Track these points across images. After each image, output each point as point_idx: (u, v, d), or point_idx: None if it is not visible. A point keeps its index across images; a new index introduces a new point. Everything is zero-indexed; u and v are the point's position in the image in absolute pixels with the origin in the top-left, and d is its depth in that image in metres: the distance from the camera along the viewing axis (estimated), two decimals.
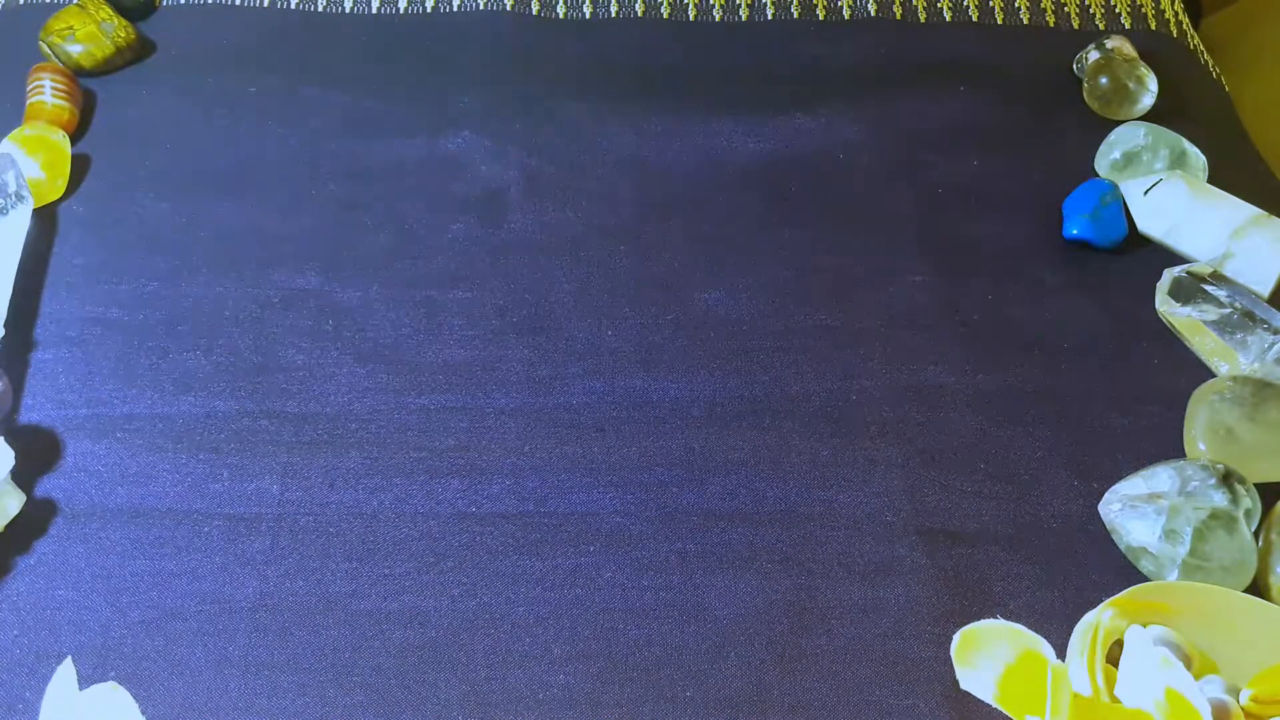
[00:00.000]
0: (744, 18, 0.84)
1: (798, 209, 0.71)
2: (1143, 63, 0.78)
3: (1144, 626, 0.47)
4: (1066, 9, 0.87)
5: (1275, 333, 0.60)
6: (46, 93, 0.71)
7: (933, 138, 0.76)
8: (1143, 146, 0.71)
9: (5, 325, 0.60)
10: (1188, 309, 0.63)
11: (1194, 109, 0.79)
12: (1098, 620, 0.48)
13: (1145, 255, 0.69)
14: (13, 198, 0.64)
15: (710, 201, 0.71)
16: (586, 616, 0.51)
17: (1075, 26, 0.86)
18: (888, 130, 0.76)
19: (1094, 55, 0.79)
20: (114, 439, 0.57)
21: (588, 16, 0.84)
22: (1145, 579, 0.53)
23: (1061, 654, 0.47)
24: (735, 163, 0.74)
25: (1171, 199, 0.69)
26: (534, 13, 0.84)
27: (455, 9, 0.84)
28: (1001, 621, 0.48)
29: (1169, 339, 0.64)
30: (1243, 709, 0.45)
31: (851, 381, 0.61)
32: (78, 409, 0.58)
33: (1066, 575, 0.53)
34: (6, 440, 0.53)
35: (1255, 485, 0.54)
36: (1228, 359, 0.62)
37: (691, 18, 0.84)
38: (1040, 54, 0.83)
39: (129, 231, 0.67)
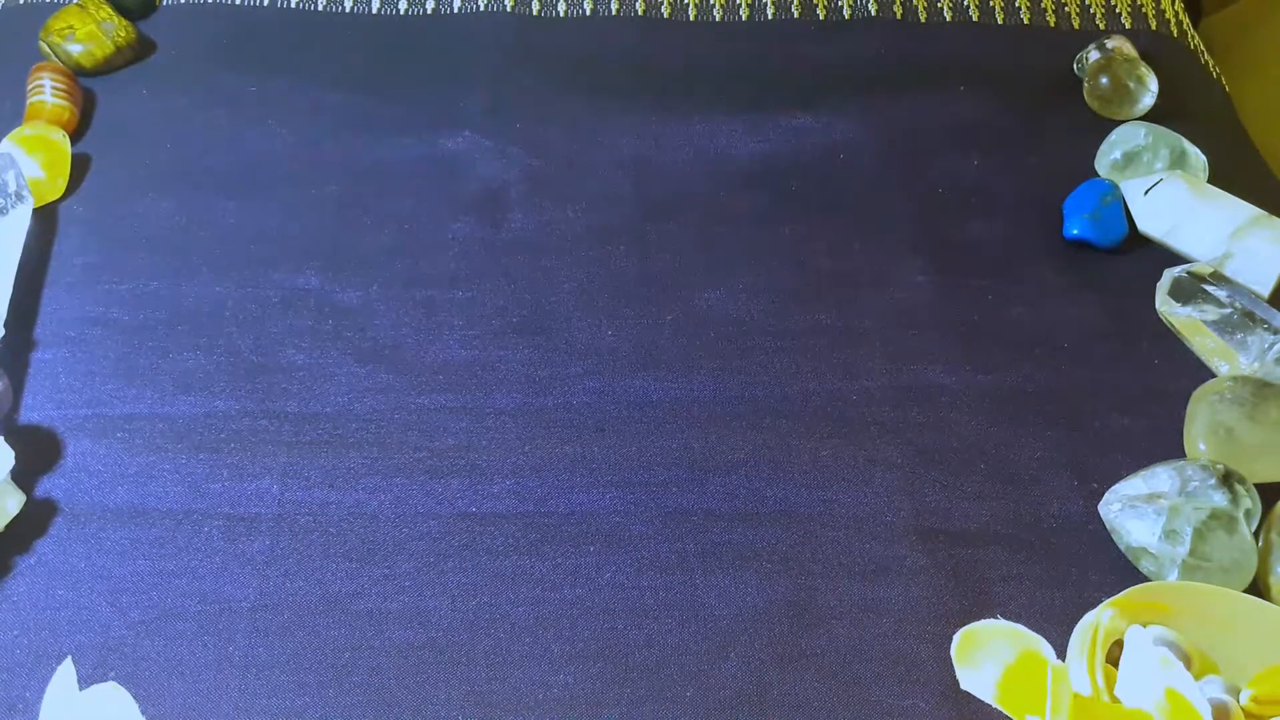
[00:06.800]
0: (744, 18, 0.84)
1: (798, 209, 0.71)
2: (1143, 63, 0.78)
3: (1144, 626, 0.47)
4: (1066, 9, 0.87)
5: (1275, 333, 0.60)
6: (46, 92, 0.71)
7: (933, 138, 0.76)
8: (1143, 146, 0.71)
9: (5, 325, 0.60)
10: (1188, 309, 0.63)
11: (1194, 109, 0.79)
12: (1098, 620, 0.48)
13: (1145, 255, 0.69)
14: (13, 198, 0.64)
15: (710, 201, 0.71)
16: (586, 616, 0.51)
17: (1075, 26, 0.86)
18: (888, 130, 0.76)
19: (1094, 55, 0.79)
20: (114, 439, 0.57)
21: (588, 15, 0.84)
22: (1145, 579, 0.53)
23: (1061, 654, 0.47)
24: (735, 163, 0.74)
25: (1171, 199, 0.69)
26: (534, 12, 0.84)
27: (456, 9, 0.84)
28: (1001, 621, 0.48)
29: (1169, 339, 0.64)
30: (1243, 709, 0.45)
31: (851, 381, 0.61)
32: (78, 409, 0.58)
33: (1066, 575, 0.53)
34: (6, 440, 0.53)
35: (1255, 485, 0.54)
36: (1228, 359, 0.62)
37: (691, 18, 0.84)
38: (1040, 54, 0.83)
39: (129, 231, 0.67)
